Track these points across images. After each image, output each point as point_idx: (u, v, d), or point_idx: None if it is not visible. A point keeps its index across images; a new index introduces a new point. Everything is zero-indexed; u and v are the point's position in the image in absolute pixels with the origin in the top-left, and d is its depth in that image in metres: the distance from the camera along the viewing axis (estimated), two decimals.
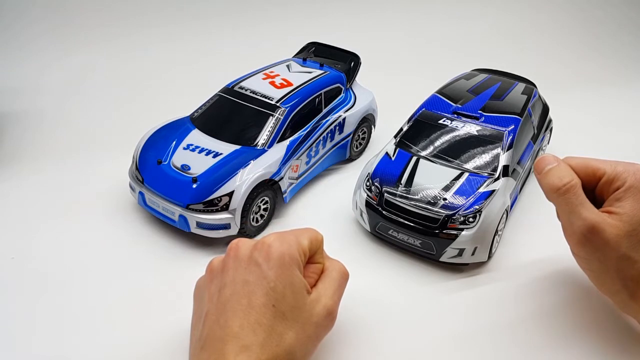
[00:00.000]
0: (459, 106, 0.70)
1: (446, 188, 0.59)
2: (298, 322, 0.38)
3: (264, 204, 0.64)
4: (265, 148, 0.65)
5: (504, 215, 0.61)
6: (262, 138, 0.65)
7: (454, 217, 0.57)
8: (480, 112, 0.69)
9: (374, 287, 0.58)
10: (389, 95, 0.88)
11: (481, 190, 0.59)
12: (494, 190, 0.59)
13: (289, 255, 0.39)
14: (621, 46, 1.33)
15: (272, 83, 0.72)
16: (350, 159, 0.81)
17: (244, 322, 0.36)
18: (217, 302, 0.38)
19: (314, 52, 0.84)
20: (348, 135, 0.78)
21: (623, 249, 0.44)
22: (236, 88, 0.71)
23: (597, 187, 0.48)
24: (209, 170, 0.60)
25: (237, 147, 0.64)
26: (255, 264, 0.38)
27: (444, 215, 0.57)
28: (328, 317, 0.40)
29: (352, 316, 0.53)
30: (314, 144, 0.71)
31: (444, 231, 0.57)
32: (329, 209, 0.70)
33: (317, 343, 0.40)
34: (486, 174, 0.61)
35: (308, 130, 0.70)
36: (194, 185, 0.59)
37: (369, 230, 0.63)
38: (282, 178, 0.65)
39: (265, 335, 0.36)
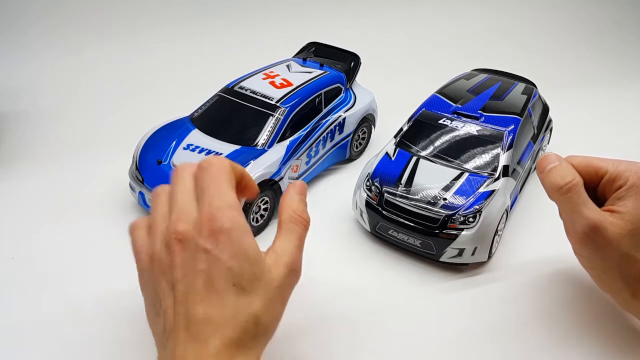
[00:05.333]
0: (459, 106, 0.70)
1: (446, 188, 0.59)
2: (260, 291, 0.36)
3: (264, 204, 0.64)
4: (265, 148, 0.65)
5: (504, 215, 0.61)
6: (262, 138, 0.65)
7: (454, 217, 0.57)
8: (480, 112, 0.69)
9: (373, 287, 0.58)
10: (389, 95, 0.88)
11: (481, 190, 0.59)
12: (494, 190, 0.59)
13: (236, 227, 0.36)
14: (621, 46, 1.33)
15: (272, 83, 0.72)
16: (350, 159, 0.81)
17: (207, 309, 0.35)
18: (174, 298, 0.36)
19: (314, 52, 0.84)
20: (348, 135, 0.78)
21: (625, 247, 0.44)
22: (236, 88, 0.71)
23: (599, 186, 0.48)
24: None
25: (237, 147, 0.64)
26: (203, 251, 0.36)
27: (444, 215, 0.57)
28: (290, 275, 0.38)
29: (351, 316, 0.53)
30: (314, 144, 0.71)
31: (444, 231, 0.57)
32: (329, 209, 0.70)
33: (285, 302, 0.39)
34: (486, 174, 0.61)
35: (308, 130, 0.70)
36: None
37: (369, 230, 0.63)
38: (282, 178, 0.65)
39: (232, 313, 0.35)
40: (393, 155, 0.65)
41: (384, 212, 0.60)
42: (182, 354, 0.34)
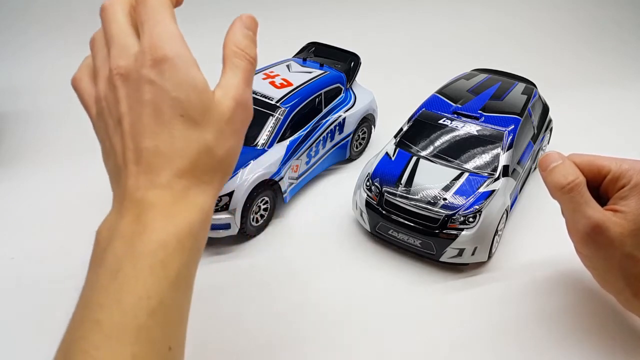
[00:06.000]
0: (459, 106, 0.70)
1: (446, 188, 0.59)
2: (210, 122, 0.35)
3: (264, 204, 0.64)
4: (265, 148, 0.65)
5: (504, 215, 0.61)
6: (262, 138, 0.65)
7: (454, 217, 0.57)
8: (480, 112, 0.69)
9: (373, 287, 0.58)
10: (389, 95, 0.88)
11: (481, 190, 0.59)
12: (494, 190, 0.59)
13: (181, 56, 0.34)
14: (621, 46, 1.33)
15: (272, 83, 0.72)
16: (350, 159, 0.81)
17: (156, 141, 0.33)
18: (121, 133, 0.35)
19: (314, 52, 0.84)
20: (348, 135, 0.78)
21: (627, 247, 0.44)
22: None
23: (602, 185, 0.48)
24: None
25: None
26: (147, 82, 0.34)
27: (444, 215, 0.57)
28: (239, 108, 0.37)
29: (351, 316, 0.53)
30: (314, 144, 0.71)
31: (444, 231, 0.57)
32: (329, 209, 0.70)
33: (239, 138, 0.38)
34: (486, 174, 0.61)
35: (308, 130, 0.70)
36: None
37: (369, 230, 0.63)
38: (282, 178, 0.65)
39: (182, 145, 0.34)
40: (393, 155, 0.65)
41: (384, 212, 0.60)
42: (134, 185, 0.34)
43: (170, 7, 0.37)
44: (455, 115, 0.68)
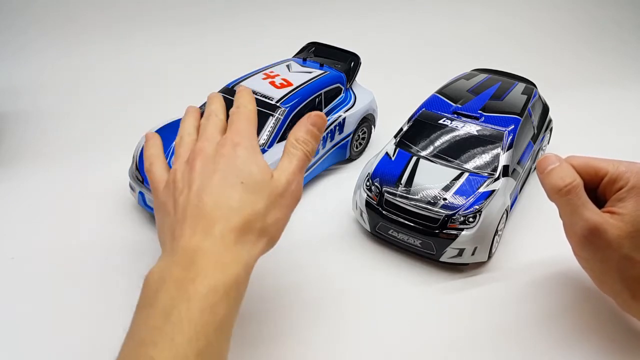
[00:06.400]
0: (459, 106, 0.70)
1: (446, 188, 0.59)
2: (265, 193, 0.41)
3: None
4: (265, 148, 0.65)
5: (504, 215, 0.61)
6: (262, 138, 0.65)
7: (454, 217, 0.57)
8: (480, 112, 0.69)
9: (373, 287, 0.58)
10: (389, 95, 0.88)
11: (481, 190, 0.59)
12: (494, 190, 0.59)
13: (253, 147, 0.43)
14: (621, 46, 1.33)
15: (272, 83, 0.72)
16: (350, 159, 0.81)
17: (217, 199, 0.39)
18: (187, 193, 0.40)
19: (314, 52, 0.84)
20: (348, 135, 0.78)
21: (625, 249, 0.44)
22: (236, 88, 0.71)
23: (599, 187, 0.48)
24: None
25: None
26: (223, 156, 0.42)
27: (444, 215, 0.57)
28: (290, 187, 0.43)
29: (350, 316, 0.53)
30: None
31: (444, 231, 0.57)
32: (329, 209, 0.70)
33: (287, 212, 0.43)
34: (486, 174, 0.61)
35: None
36: None
37: (369, 230, 0.63)
38: None
39: (238, 206, 0.39)
40: (393, 155, 0.65)
41: (384, 212, 0.60)
42: (190, 234, 0.38)
43: (256, 121, 0.47)
44: (455, 115, 0.68)
